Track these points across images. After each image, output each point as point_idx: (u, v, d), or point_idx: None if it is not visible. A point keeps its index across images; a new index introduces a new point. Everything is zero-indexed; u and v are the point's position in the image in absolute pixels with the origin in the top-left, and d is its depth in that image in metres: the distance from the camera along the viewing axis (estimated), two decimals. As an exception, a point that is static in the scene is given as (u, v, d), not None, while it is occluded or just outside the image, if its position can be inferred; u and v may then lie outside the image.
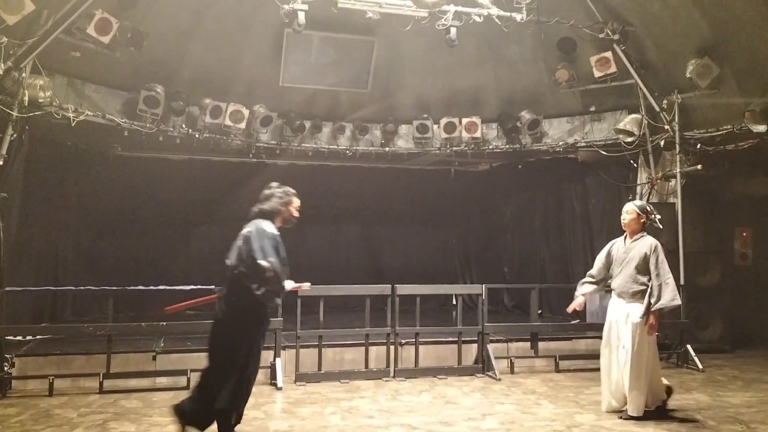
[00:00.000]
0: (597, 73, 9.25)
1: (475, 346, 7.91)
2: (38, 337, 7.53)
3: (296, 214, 5.11)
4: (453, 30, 8.00)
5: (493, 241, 12.96)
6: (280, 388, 6.75)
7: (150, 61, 8.84)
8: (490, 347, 7.77)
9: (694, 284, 8.96)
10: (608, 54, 9.06)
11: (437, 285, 9.23)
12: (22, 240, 8.37)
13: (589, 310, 9.59)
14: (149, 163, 10.97)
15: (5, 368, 6.45)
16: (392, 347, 7.53)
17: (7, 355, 6.57)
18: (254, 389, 6.63)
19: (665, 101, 9.10)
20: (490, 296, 8.25)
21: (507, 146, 10.68)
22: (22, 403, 6.07)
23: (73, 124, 8.04)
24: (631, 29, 8.86)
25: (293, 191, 5.13)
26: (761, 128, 8.30)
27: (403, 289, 7.68)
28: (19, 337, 7.19)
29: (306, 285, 5.25)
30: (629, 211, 5.90)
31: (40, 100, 7.49)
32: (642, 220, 5.87)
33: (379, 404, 6.23)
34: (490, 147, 10.74)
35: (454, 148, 10.73)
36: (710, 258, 9.25)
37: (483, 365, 7.71)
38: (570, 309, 6.21)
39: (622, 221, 5.95)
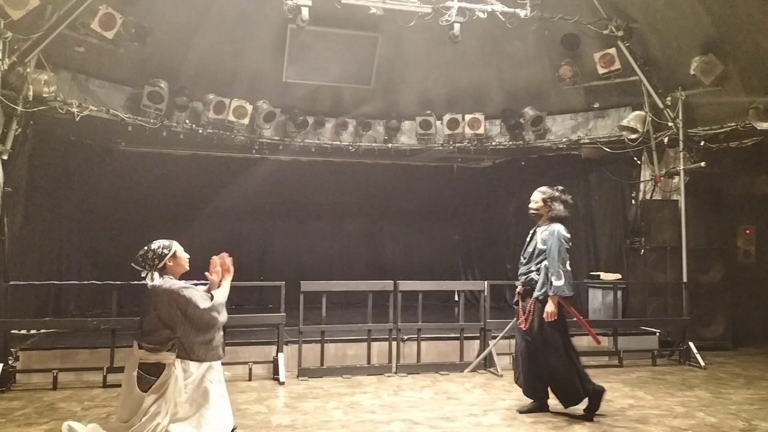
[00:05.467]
0: (601, 70, 9.23)
1: (477, 342, 7.92)
2: (42, 331, 7.55)
3: None
4: (456, 26, 8.00)
5: (495, 237, 12.94)
6: (283, 383, 6.77)
7: (154, 57, 8.87)
8: (492, 343, 7.79)
9: (697, 281, 8.97)
10: (612, 51, 9.03)
11: (439, 281, 9.22)
12: (26, 234, 8.40)
13: (591, 307, 9.62)
14: (153, 159, 11.03)
15: (10, 362, 6.47)
16: (394, 343, 7.56)
17: (12, 349, 6.60)
18: (256, 384, 6.76)
19: (669, 98, 9.07)
20: (492, 293, 8.26)
21: (510, 143, 10.68)
22: (26, 397, 6.10)
23: (77, 119, 8.06)
24: (635, 26, 8.84)
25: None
26: (765, 125, 8.28)
27: (406, 285, 7.70)
28: (24, 331, 7.21)
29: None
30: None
31: (45, 95, 7.51)
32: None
33: (381, 399, 6.25)
34: (493, 143, 10.75)
35: (457, 145, 10.74)
36: (713, 255, 9.26)
37: (485, 361, 7.73)
38: None
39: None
